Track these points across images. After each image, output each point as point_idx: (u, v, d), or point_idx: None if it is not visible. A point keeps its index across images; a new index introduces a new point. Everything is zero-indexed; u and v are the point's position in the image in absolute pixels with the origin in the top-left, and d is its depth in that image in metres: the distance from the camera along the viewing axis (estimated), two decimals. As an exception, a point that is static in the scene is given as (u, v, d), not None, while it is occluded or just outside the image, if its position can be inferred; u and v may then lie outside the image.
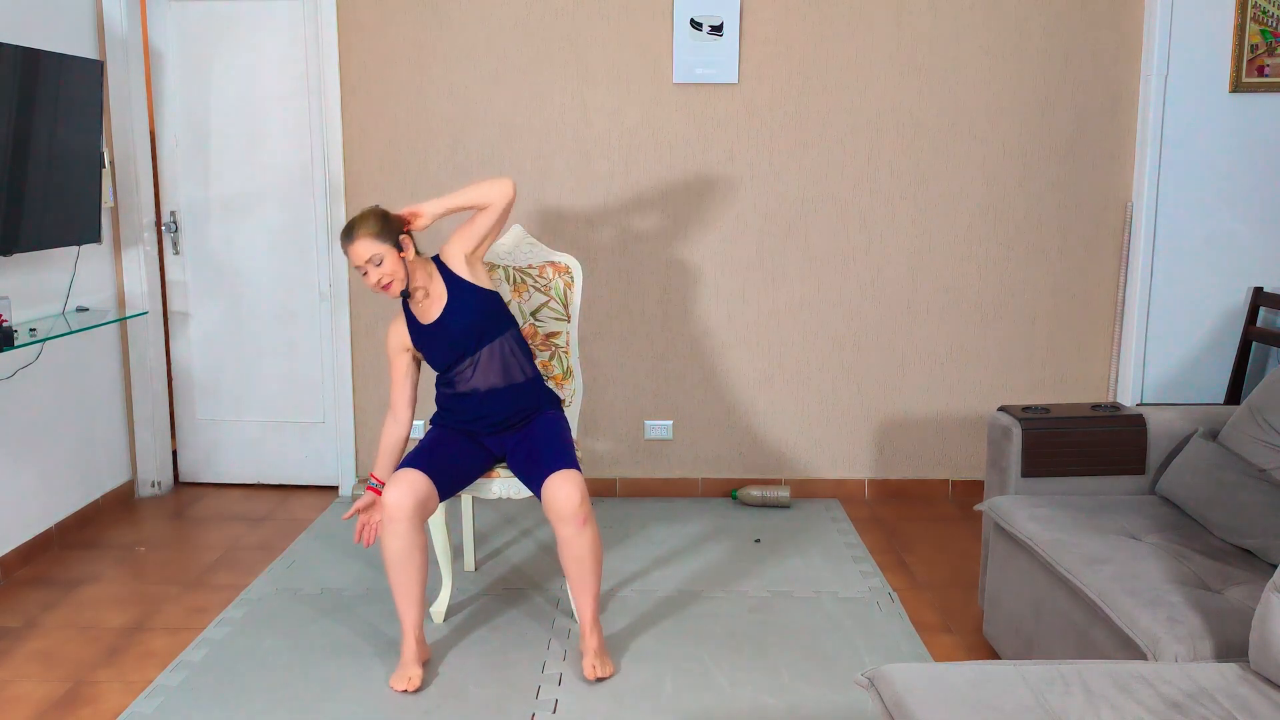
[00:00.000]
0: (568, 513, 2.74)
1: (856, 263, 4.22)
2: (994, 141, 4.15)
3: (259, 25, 4.20)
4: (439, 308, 2.92)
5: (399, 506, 2.75)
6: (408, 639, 2.82)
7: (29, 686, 2.82)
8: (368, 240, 2.75)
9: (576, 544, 2.77)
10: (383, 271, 2.77)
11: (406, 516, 2.75)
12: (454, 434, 2.99)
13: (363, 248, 2.75)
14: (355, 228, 2.77)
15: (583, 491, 2.76)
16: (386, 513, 2.75)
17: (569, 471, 2.79)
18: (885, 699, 1.85)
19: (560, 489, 2.75)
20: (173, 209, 4.36)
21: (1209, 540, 2.53)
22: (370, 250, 2.75)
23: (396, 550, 2.76)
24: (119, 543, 3.87)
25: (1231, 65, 4.02)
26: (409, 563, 2.77)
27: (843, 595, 3.36)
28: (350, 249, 2.76)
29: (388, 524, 2.75)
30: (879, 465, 4.36)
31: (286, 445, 4.47)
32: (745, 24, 4.07)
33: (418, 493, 2.77)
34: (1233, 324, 4.18)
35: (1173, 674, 1.88)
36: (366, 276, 2.79)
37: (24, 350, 3.61)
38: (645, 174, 4.16)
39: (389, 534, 2.76)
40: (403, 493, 2.76)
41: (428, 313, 2.93)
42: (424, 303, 2.93)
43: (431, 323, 2.93)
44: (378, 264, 2.76)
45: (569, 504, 2.74)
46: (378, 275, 2.77)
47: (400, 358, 3.00)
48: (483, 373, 2.94)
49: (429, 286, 2.92)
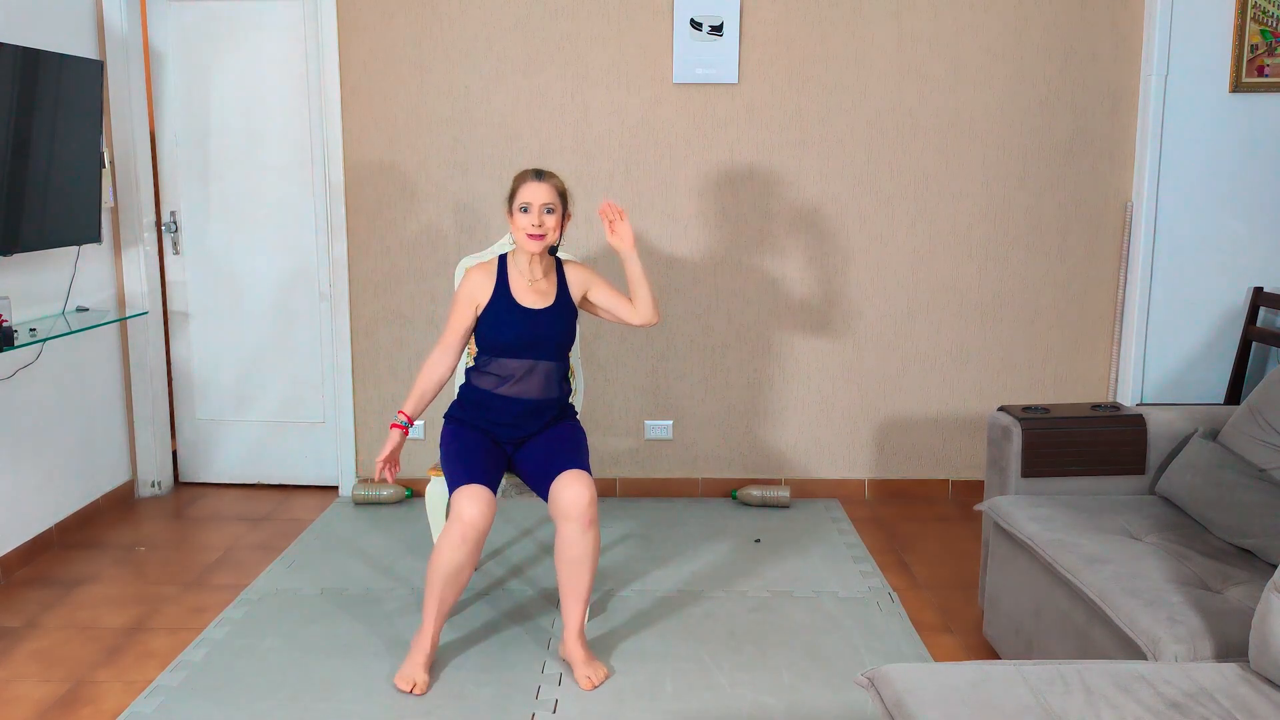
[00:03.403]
0: (575, 511, 2.73)
1: (856, 262, 4.22)
2: (994, 141, 4.15)
3: (259, 25, 4.20)
4: (541, 302, 2.91)
5: (475, 526, 2.69)
6: (422, 644, 2.79)
7: (29, 686, 2.82)
8: (555, 189, 2.85)
9: (578, 545, 2.75)
10: (549, 222, 2.82)
11: (479, 536, 2.70)
12: (477, 433, 2.93)
13: (548, 191, 2.83)
14: (548, 173, 2.88)
15: (593, 494, 2.75)
16: (461, 528, 2.68)
17: (581, 472, 2.78)
18: (885, 699, 1.85)
19: (571, 487, 2.74)
20: (173, 209, 4.36)
21: (1209, 540, 2.53)
22: (551, 197, 2.83)
23: (454, 563, 2.71)
24: (119, 543, 3.87)
25: (1231, 65, 4.02)
26: (459, 577, 2.74)
27: (843, 595, 3.36)
28: (536, 185, 2.83)
29: (459, 539, 2.68)
30: (879, 465, 4.36)
31: (286, 445, 4.47)
32: (745, 24, 4.07)
33: (492, 511, 2.73)
34: (1233, 324, 4.18)
35: (1173, 674, 1.88)
36: (528, 214, 2.80)
37: (24, 350, 3.61)
38: (645, 174, 4.16)
39: (454, 547, 2.69)
40: (483, 511, 2.70)
41: (527, 296, 2.91)
42: (531, 284, 2.91)
43: (525, 307, 2.90)
44: (549, 211, 2.82)
45: (578, 503, 2.73)
46: (539, 220, 2.81)
47: (467, 309, 2.92)
48: (532, 384, 2.90)
49: (545, 277, 2.94)
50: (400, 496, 4.25)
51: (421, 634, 2.80)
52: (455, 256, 4.19)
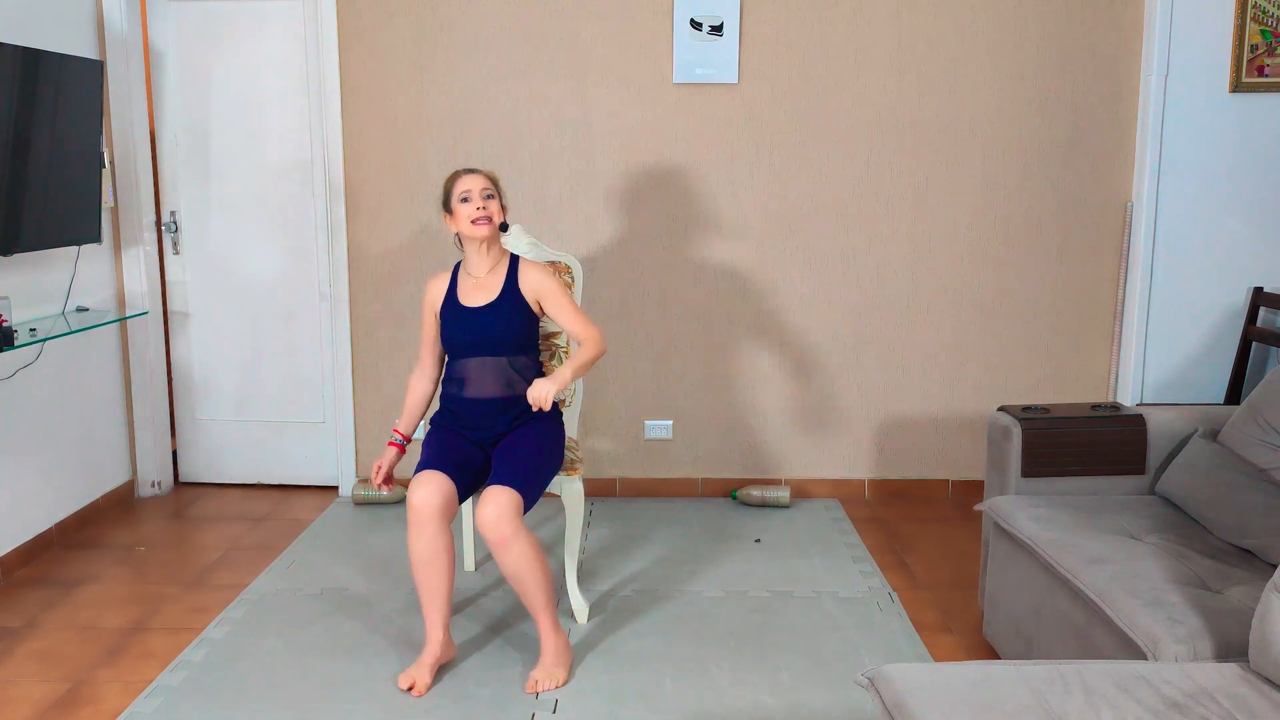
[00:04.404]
0: (485, 534, 2.69)
1: (856, 262, 4.22)
2: (994, 141, 4.15)
3: (259, 25, 4.20)
4: (484, 299, 2.95)
5: (426, 506, 2.73)
6: (431, 641, 2.80)
7: (29, 686, 2.82)
8: (488, 177, 2.96)
9: (505, 564, 2.72)
10: (491, 206, 2.91)
11: (434, 518, 2.73)
12: (456, 436, 2.96)
13: (483, 179, 2.93)
14: (478, 168, 3.08)
15: (502, 511, 2.67)
16: (414, 514, 2.73)
17: (498, 489, 2.72)
18: (885, 699, 1.85)
19: (482, 508, 2.69)
20: (173, 209, 4.36)
21: (1209, 540, 2.53)
22: (487, 184, 2.93)
23: (424, 551, 2.75)
24: (119, 543, 3.87)
25: (1231, 65, 4.02)
26: (436, 564, 2.76)
27: (843, 595, 3.36)
28: (470, 177, 2.92)
29: (415, 525, 2.74)
30: (879, 465, 4.36)
31: (286, 445, 4.47)
32: (745, 24, 4.07)
33: (444, 493, 2.75)
34: (1233, 324, 4.18)
35: (1173, 674, 1.88)
36: (469, 202, 2.88)
37: (24, 350, 3.61)
38: (645, 174, 4.16)
39: (416, 535, 2.74)
40: (430, 493, 2.74)
41: (470, 296, 2.96)
42: (476, 283, 2.96)
43: (467, 307, 2.94)
44: (489, 196, 2.91)
45: (485, 523, 2.67)
46: (481, 204, 2.89)
47: (430, 318, 3.04)
48: (487, 382, 2.92)
49: (492, 272, 2.97)
50: (400, 497, 4.25)
51: (426, 630, 2.83)
52: (455, 257, 4.19)
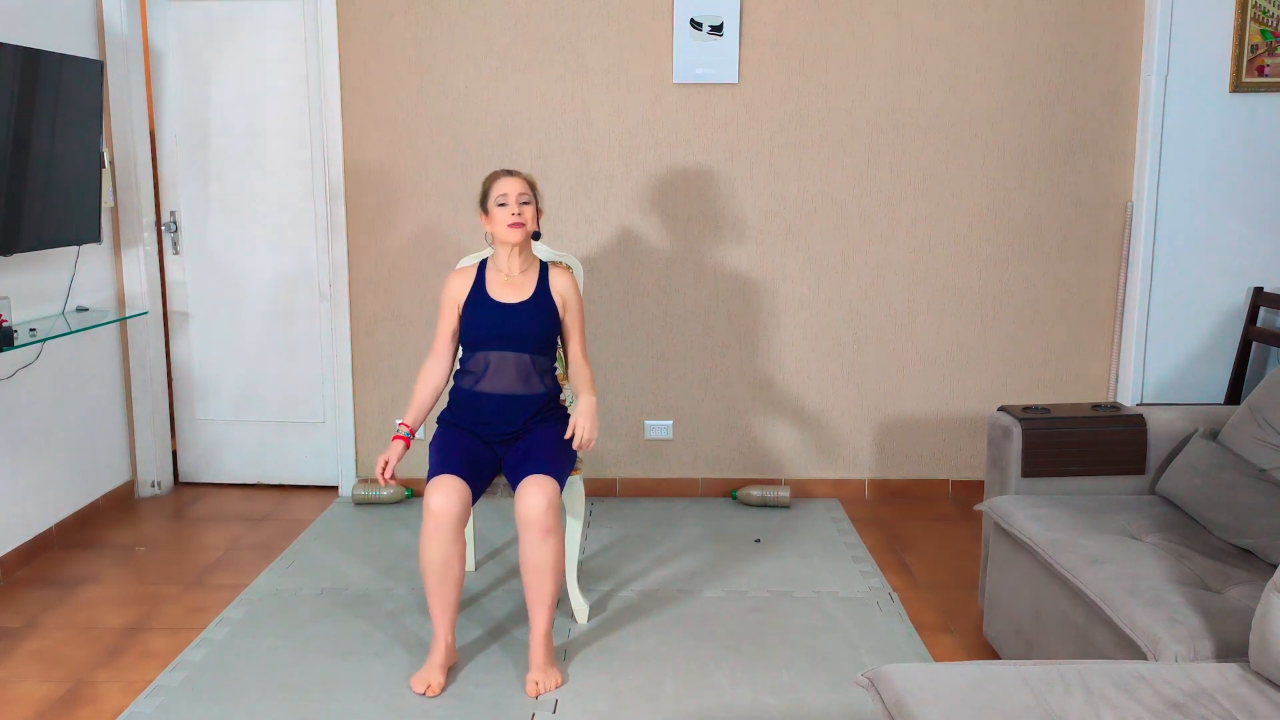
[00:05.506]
0: (532, 519, 2.70)
1: (856, 262, 4.22)
2: (994, 141, 4.15)
3: (259, 25, 4.20)
4: (516, 296, 2.96)
5: (445, 513, 2.70)
6: (438, 644, 2.80)
7: (29, 686, 2.82)
8: (527, 181, 2.97)
9: (537, 553, 2.73)
10: (527, 212, 2.93)
11: (452, 524, 2.72)
12: (466, 435, 2.95)
13: (522, 184, 2.95)
14: (517, 170, 3.07)
15: (550, 500, 2.72)
16: (432, 520, 2.71)
17: (542, 477, 2.75)
18: (885, 699, 1.85)
19: (528, 494, 2.72)
20: (173, 209, 4.36)
21: (1209, 540, 2.53)
22: (525, 189, 2.95)
23: (439, 557, 2.73)
24: (119, 543, 3.87)
25: (1231, 65, 4.02)
26: (449, 570, 2.75)
27: (843, 595, 3.36)
28: (510, 179, 2.94)
29: (433, 531, 2.71)
30: (879, 465, 4.36)
31: (286, 445, 4.47)
32: (745, 24, 4.07)
33: (463, 499, 2.74)
34: (1233, 324, 4.18)
35: (1173, 674, 1.88)
36: (506, 206, 2.90)
37: (24, 350, 3.61)
38: (645, 174, 4.16)
39: (432, 540, 2.71)
40: (449, 500, 2.71)
41: (502, 292, 2.97)
42: (508, 280, 2.98)
43: (499, 302, 2.95)
44: (525, 202, 2.93)
45: (534, 510, 2.70)
46: (518, 209, 2.91)
47: (450, 311, 3.02)
48: (507, 377, 2.92)
49: (524, 273, 3.00)
50: (400, 496, 4.25)
51: (434, 636, 2.81)
52: (455, 257, 4.20)
